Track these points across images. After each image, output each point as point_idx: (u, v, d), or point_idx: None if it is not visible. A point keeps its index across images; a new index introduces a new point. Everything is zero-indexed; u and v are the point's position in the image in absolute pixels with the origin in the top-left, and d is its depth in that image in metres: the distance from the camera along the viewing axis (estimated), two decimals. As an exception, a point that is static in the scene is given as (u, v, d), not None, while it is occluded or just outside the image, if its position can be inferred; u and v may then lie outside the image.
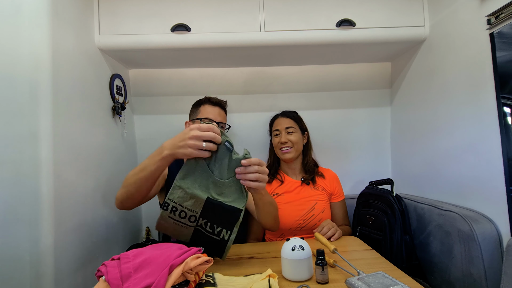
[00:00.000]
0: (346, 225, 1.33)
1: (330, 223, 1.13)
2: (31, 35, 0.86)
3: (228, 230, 0.83)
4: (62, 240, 0.90)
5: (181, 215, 0.82)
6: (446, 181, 1.18)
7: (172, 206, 0.81)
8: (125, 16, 1.23)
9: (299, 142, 1.32)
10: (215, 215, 0.83)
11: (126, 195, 0.88)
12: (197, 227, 0.84)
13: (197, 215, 0.83)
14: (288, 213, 1.24)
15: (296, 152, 1.31)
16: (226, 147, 0.81)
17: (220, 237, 0.84)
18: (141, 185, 0.85)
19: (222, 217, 0.83)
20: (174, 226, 0.83)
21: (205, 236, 0.84)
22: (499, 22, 0.92)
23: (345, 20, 1.25)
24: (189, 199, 0.81)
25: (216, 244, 0.84)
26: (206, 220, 0.83)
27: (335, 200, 1.33)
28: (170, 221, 0.83)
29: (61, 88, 0.94)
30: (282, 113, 1.40)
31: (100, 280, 0.63)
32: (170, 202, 0.81)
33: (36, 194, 0.84)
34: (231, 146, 0.81)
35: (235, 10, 1.25)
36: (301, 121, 1.38)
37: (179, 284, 0.64)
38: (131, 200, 0.90)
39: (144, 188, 0.87)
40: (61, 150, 0.92)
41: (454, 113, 1.14)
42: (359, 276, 0.70)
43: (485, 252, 0.90)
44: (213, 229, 0.84)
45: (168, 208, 0.81)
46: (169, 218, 0.82)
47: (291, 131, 1.32)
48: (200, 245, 0.78)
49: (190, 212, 0.82)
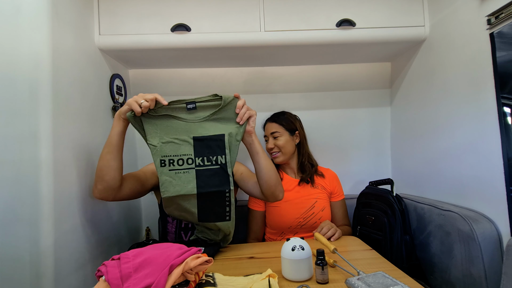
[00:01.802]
0: (346, 225, 1.33)
1: (329, 223, 1.13)
2: (31, 35, 0.86)
3: (222, 155, 0.95)
4: (62, 240, 0.90)
5: (179, 163, 0.94)
6: (446, 181, 1.18)
7: (168, 160, 0.93)
8: (125, 16, 1.23)
9: (285, 145, 1.31)
10: (206, 148, 0.95)
11: (98, 174, 0.94)
12: (196, 167, 0.94)
13: (193, 156, 0.95)
14: (288, 211, 1.24)
15: (284, 155, 1.32)
16: (189, 108, 0.95)
17: (219, 164, 0.95)
18: (107, 159, 0.93)
19: (212, 147, 0.95)
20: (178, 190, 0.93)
21: (207, 171, 0.95)
22: (499, 22, 0.92)
23: (345, 20, 1.25)
24: (177, 144, 0.94)
25: (219, 173, 0.95)
26: (202, 157, 0.95)
27: (335, 200, 1.33)
28: (172, 186, 0.92)
29: (61, 88, 0.94)
30: (270, 117, 1.40)
31: (100, 280, 0.63)
32: (165, 158, 0.93)
33: (36, 194, 0.84)
34: (193, 104, 0.95)
35: (235, 10, 1.25)
36: (291, 122, 1.36)
37: (179, 284, 0.64)
38: (102, 182, 0.93)
39: (113, 162, 0.93)
40: (61, 150, 0.92)
41: (454, 113, 1.14)
42: (359, 276, 0.70)
43: (485, 252, 0.90)
44: (210, 160, 0.95)
45: (166, 163, 0.93)
46: (171, 172, 0.93)
47: (276, 135, 1.32)
48: (207, 182, 0.93)
49: (185, 156, 0.94)
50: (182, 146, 0.94)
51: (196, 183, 0.94)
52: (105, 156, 0.93)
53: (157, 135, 0.94)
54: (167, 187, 0.93)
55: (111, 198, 0.97)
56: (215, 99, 0.96)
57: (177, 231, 1.17)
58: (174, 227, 1.19)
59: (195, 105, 0.95)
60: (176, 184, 0.93)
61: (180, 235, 1.17)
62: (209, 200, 0.95)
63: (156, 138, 0.94)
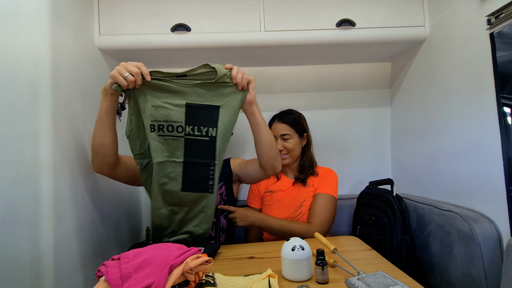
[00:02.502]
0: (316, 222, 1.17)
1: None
2: (31, 35, 0.86)
3: (214, 127, 0.93)
4: (62, 240, 0.90)
5: (168, 129, 0.92)
6: (446, 181, 1.18)
7: (158, 125, 0.91)
8: (125, 16, 1.23)
9: (295, 148, 1.29)
10: (198, 117, 0.92)
11: (92, 150, 0.95)
12: (186, 136, 0.93)
13: (183, 124, 0.92)
14: (278, 211, 1.24)
15: (292, 158, 1.30)
16: (179, 78, 0.91)
17: (209, 136, 0.93)
18: (101, 133, 0.92)
19: (204, 117, 0.93)
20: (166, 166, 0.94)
21: (196, 141, 0.93)
22: (499, 22, 0.92)
23: (345, 20, 1.25)
24: (168, 109, 0.91)
25: (207, 145, 0.94)
26: (192, 126, 0.93)
27: (317, 192, 1.25)
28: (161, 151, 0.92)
29: (61, 88, 0.94)
30: (279, 116, 1.34)
31: (100, 280, 0.63)
32: (155, 123, 0.91)
33: (36, 194, 0.84)
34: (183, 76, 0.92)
35: (235, 10, 1.25)
36: (299, 123, 1.33)
37: (179, 284, 0.64)
38: (97, 159, 0.95)
39: (105, 139, 0.93)
40: (61, 150, 0.92)
41: (454, 113, 1.14)
42: (359, 276, 0.70)
43: (485, 252, 0.90)
44: (201, 131, 0.93)
45: (155, 128, 0.91)
46: (160, 138, 0.92)
47: (286, 138, 1.28)
48: (194, 152, 0.92)
49: (176, 123, 0.92)
50: (173, 111, 0.91)
51: (183, 151, 0.93)
52: (96, 134, 0.93)
53: (147, 98, 0.90)
54: (157, 152, 0.92)
55: (108, 173, 0.99)
56: (208, 72, 0.92)
57: None
58: None
59: (186, 75, 0.92)
60: (165, 149, 0.93)
61: None
62: (194, 170, 0.95)
63: (147, 101, 0.90)
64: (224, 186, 1.28)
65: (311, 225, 1.17)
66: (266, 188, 1.33)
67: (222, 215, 1.25)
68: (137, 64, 0.89)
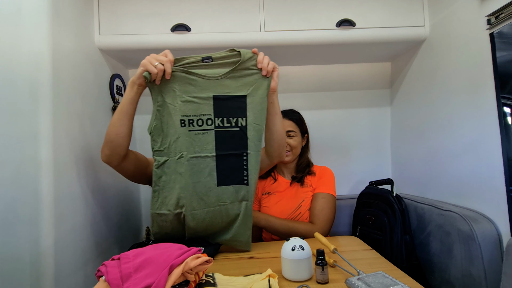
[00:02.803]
0: (316, 223, 1.17)
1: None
2: (31, 35, 0.86)
3: (243, 117, 0.94)
4: (62, 240, 0.90)
5: (198, 123, 0.92)
6: (446, 181, 1.18)
7: (188, 119, 0.91)
8: (125, 16, 1.23)
9: (298, 146, 1.29)
10: (226, 108, 0.93)
11: (107, 138, 0.93)
12: (216, 129, 0.93)
13: (212, 116, 0.93)
14: (277, 214, 1.23)
15: (293, 155, 1.30)
16: (204, 60, 0.92)
17: (239, 126, 0.94)
18: (119, 123, 0.92)
19: (232, 107, 0.94)
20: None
21: (226, 132, 0.94)
22: (499, 22, 0.92)
23: (345, 20, 1.25)
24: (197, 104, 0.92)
25: (238, 135, 0.95)
26: (221, 118, 0.93)
27: (316, 191, 1.24)
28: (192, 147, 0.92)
29: (61, 88, 0.94)
30: (284, 113, 1.33)
31: (100, 280, 0.63)
32: (185, 118, 0.91)
33: (36, 194, 0.84)
34: (209, 58, 0.92)
35: (235, 10, 1.25)
36: (303, 123, 1.34)
37: (179, 284, 0.64)
38: (109, 148, 0.93)
39: (122, 129, 0.92)
40: (61, 150, 0.92)
41: (454, 113, 1.14)
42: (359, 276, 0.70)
43: (485, 252, 0.90)
44: (230, 122, 0.94)
45: (186, 123, 0.91)
46: (190, 133, 0.92)
47: (291, 135, 1.28)
48: (225, 144, 0.92)
49: (205, 117, 0.92)
50: (201, 105, 0.92)
51: (215, 144, 0.93)
52: (114, 122, 0.93)
53: (176, 94, 0.91)
54: (187, 148, 0.92)
55: (115, 164, 0.97)
56: (233, 55, 0.93)
57: None
58: None
59: (212, 59, 0.92)
60: (196, 144, 0.92)
61: None
62: (227, 162, 0.94)
63: (176, 97, 0.91)
64: None
65: (315, 225, 1.16)
66: (263, 190, 1.32)
67: None
68: (164, 53, 0.90)
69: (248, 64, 0.94)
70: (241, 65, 0.93)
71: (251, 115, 0.95)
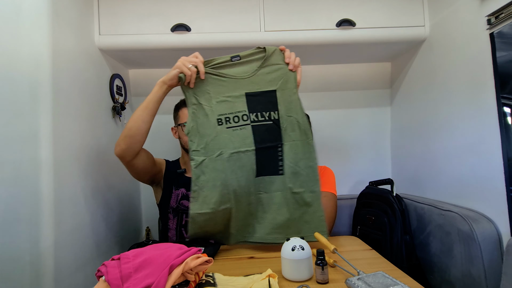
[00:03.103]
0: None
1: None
2: (31, 35, 0.86)
3: (275, 110, 0.99)
4: (62, 240, 0.90)
5: (235, 120, 0.97)
6: (446, 181, 1.18)
7: (224, 118, 0.96)
8: (125, 16, 1.23)
9: None
10: (259, 103, 0.98)
11: (127, 133, 0.96)
12: (252, 123, 0.98)
13: (247, 112, 0.98)
14: None
15: None
16: (233, 59, 0.98)
17: (272, 119, 0.99)
18: (142, 119, 0.96)
19: (264, 102, 0.99)
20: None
21: (261, 126, 0.98)
22: (499, 22, 0.92)
23: (345, 20, 1.25)
24: (231, 102, 0.97)
25: (272, 128, 0.99)
26: (255, 113, 0.98)
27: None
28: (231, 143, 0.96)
29: (61, 88, 0.94)
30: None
31: (100, 280, 0.63)
32: (221, 116, 0.96)
33: (36, 194, 0.84)
34: (237, 56, 0.98)
35: (235, 10, 1.25)
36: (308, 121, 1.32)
37: (179, 284, 0.64)
38: (127, 142, 0.97)
39: (144, 125, 0.97)
40: (61, 150, 0.92)
41: (454, 113, 1.14)
42: (359, 276, 0.70)
43: (485, 252, 0.90)
44: (264, 116, 0.99)
45: (222, 121, 0.96)
46: (228, 130, 0.96)
47: None
48: (262, 137, 0.97)
49: (240, 113, 0.97)
50: (236, 103, 0.97)
51: (253, 138, 0.97)
52: (137, 118, 0.96)
53: (210, 96, 0.96)
54: (226, 144, 0.96)
55: (128, 160, 1.00)
56: (258, 52, 0.99)
57: (178, 228, 1.18)
58: (175, 224, 1.20)
59: (240, 57, 0.98)
60: (235, 140, 0.96)
61: (181, 232, 1.18)
62: (265, 155, 0.98)
63: (210, 98, 0.96)
64: None
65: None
66: None
67: None
68: (195, 54, 0.96)
69: (273, 59, 0.99)
70: (266, 61, 0.99)
71: (282, 108, 0.99)
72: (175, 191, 1.20)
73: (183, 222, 1.19)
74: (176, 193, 1.20)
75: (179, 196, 1.20)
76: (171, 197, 1.20)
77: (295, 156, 1.00)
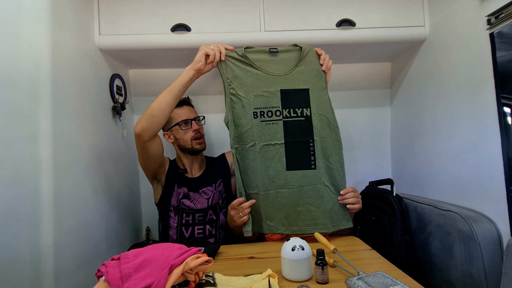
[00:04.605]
0: None
1: (353, 189, 1.07)
2: (31, 35, 0.86)
3: (307, 107, 1.07)
4: (62, 240, 0.90)
5: (268, 114, 1.06)
6: (446, 181, 1.18)
7: (259, 111, 1.05)
8: (125, 16, 1.23)
9: None
10: (292, 101, 1.06)
11: (150, 112, 1.02)
12: (284, 119, 1.05)
13: (280, 108, 1.06)
14: None
15: None
16: (271, 51, 1.09)
17: (304, 116, 1.06)
18: (166, 101, 1.02)
19: (297, 99, 1.07)
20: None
21: (293, 122, 1.06)
22: (499, 22, 0.92)
23: (345, 20, 1.25)
24: (266, 97, 1.06)
25: (304, 124, 1.06)
26: (288, 109, 1.06)
27: None
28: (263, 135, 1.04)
29: (61, 88, 0.94)
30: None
31: (100, 280, 0.63)
32: (257, 110, 1.05)
33: (36, 194, 0.84)
34: (275, 49, 1.09)
35: (235, 10, 1.25)
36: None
37: (179, 284, 0.64)
38: (148, 121, 1.02)
39: (167, 107, 1.03)
40: (61, 150, 0.92)
41: (454, 113, 1.14)
42: (359, 276, 0.70)
43: (485, 252, 0.90)
44: (296, 112, 1.06)
45: (258, 114, 1.05)
46: (262, 123, 1.05)
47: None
48: (293, 133, 1.04)
49: (274, 108, 1.06)
50: (271, 98, 1.06)
51: (283, 133, 1.05)
52: (162, 100, 1.02)
53: (248, 89, 1.06)
54: (259, 137, 1.04)
55: (145, 139, 1.04)
56: (295, 49, 1.10)
57: (179, 226, 1.18)
58: (176, 222, 1.20)
59: (277, 49, 1.08)
60: (267, 134, 1.05)
61: (182, 231, 1.18)
62: (295, 149, 1.04)
63: (249, 91, 1.06)
64: (222, 183, 1.28)
65: None
66: None
67: (222, 211, 1.25)
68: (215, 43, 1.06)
69: (307, 59, 1.09)
70: (301, 61, 1.09)
71: (314, 106, 1.07)
72: (177, 189, 1.21)
73: (183, 221, 1.19)
74: (177, 192, 1.21)
75: (180, 195, 1.21)
76: (173, 195, 1.21)
77: (326, 152, 1.06)
